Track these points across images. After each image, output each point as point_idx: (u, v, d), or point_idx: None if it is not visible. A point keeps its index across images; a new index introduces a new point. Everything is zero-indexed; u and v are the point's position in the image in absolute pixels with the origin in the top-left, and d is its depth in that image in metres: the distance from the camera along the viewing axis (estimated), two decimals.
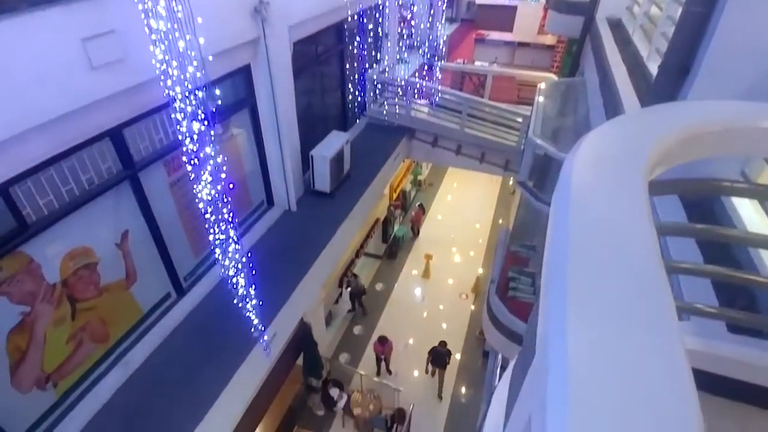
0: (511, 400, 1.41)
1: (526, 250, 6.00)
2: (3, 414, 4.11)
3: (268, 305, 5.16)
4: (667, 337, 0.59)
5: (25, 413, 4.39)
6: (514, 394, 1.42)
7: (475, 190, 16.49)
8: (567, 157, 1.06)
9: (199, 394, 4.92)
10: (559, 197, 0.92)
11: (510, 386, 1.63)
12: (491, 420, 1.88)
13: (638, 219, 0.77)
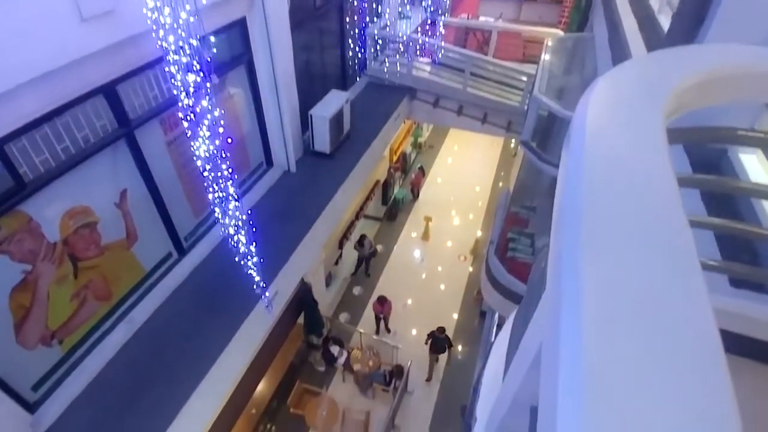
0: (512, 350, 1.43)
1: (526, 211, 5.99)
2: (10, 370, 4.23)
3: (269, 265, 5.21)
4: (685, 272, 0.57)
5: (31, 369, 4.52)
6: (514, 344, 1.45)
7: (476, 153, 16.32)
8: (582, 98, 1.01)
9: (203, 350, 5.05)
10: (574, 136, 0.89)
11: (510, 337, 1.66)
12: (490, 371, 1.93)
13: (658, 162, 0.74)
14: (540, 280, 1.38)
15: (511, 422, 1.24)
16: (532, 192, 6.16)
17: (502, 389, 1.36)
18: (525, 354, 1.17)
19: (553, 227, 0.92)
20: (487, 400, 1.76)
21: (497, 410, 1.39)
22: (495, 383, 1.72)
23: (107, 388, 4.80)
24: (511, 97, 9.01)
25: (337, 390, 9.30)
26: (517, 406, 1.18)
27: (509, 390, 1.27)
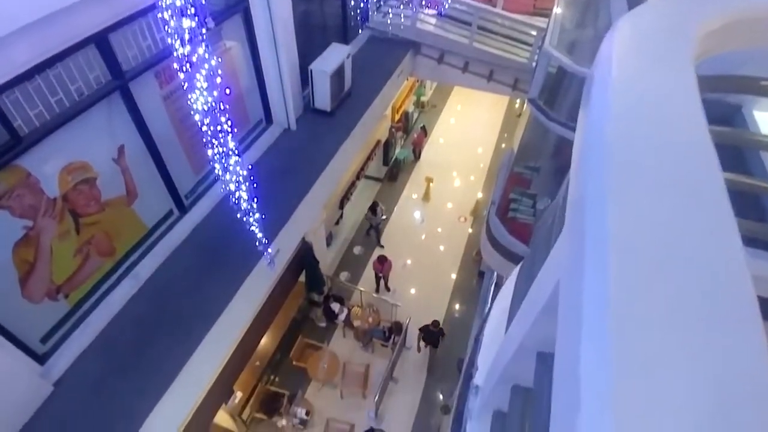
0: (516, 303, 1.44)
1: (530, 171, 5.92)
2: (17, 323, 4.32)
3: (270, 223, 5.21)
4: (717, 214, 0.54)
5: (39, 322, 4.63)
6: (518, 297, 1.46)
7: (480, 113, 15.95)
8: (606, 37, 0.95)
9: (208, 305, 5.16)
10: (598, 77, 0.83)
11: (514, 292, 1.67)
12: (492, 324, 1.96)
13: (690, 105, 0.69)
14: (547, 235, 1.37)
15: (516, 367, 1.26)
16: (537, 152, 6.05)
17: (506, 339, 1.38)
18: (533, 303, 1.17)
19: (573, 171, 0.89)
20: (488, 350, 1.80)
21: (500, 358, 1.42)
22: (497, 335, 1.75)
23: (114, 342, 4.94)
24: (519, 53, 8.67)
25: (337, 345, 9.60)
26: (523, 352, 1.20)
27: (515, 338, 1.28)
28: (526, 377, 1.18)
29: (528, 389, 1.29)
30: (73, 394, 4.55)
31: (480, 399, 1.70)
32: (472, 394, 1.80)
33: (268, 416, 8.22)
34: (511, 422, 1.28)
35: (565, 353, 0.55)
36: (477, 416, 1.70)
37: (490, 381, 1.56)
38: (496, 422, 1.49)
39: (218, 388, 6.54)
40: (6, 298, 4.22)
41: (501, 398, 1.46)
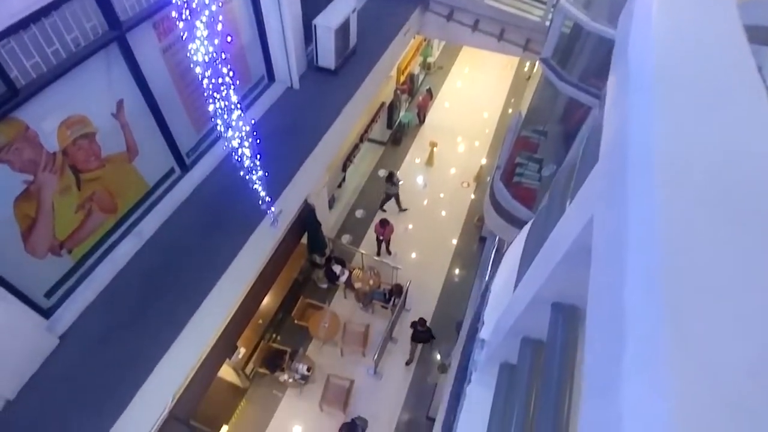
0: (526, 260, 1.43)
1: (537, 135, 5.79)
2: (21, 277, 4.37)
3: (273, 183, 5.15)
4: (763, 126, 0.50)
5: (43, 277, 4.68)
6: (529, 254, 1.44)
7: (487, 77, 15.50)
8: None
9: (212, 263, 5.20)
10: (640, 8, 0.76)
11: (525, 247, 1.66)
12: (499, 282, 1.97)
13: (733, 33, 0.64)
14: (564, 187, 1.34)
15: (528, 319, 1.26)
16: (545, 116, 5.90)
17: (517, 292, 1.38)
18: (551, 255, 1.15)
19: (609, 101, 0.84)
20: (496, 306, 1.81)
21: (511, 311, 1.42)
22: (505, 291, 1.75)
23: (119, 297, 5.02)
24: (532, 11, 8.29)
25: (338, 305, 9.78)
26: (537, 304, 1.20)
27: (528, 291, 1.28)
28: (538, 329, 1.19)
29: (538, 341, 1.30)
30: (79, 347, 4.67)
31: (486, 352, 1.73)
32: (478, 347, 1.83)
33: (271, 371, 8.50)
34: (521, 372, 1.29)
35: (603, 292, 0.53)
36: (483, 368, 1.74)
37: (498, 334, 1.57)
38: (503, 373, 1.52)
39: (222, 343, 6.72)
40: (9, 253, 4.25)
41: (509, 351, 1.48)
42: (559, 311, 1.11)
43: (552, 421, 1.00)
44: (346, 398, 8.24)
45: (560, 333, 1.08)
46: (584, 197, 1.02)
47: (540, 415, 1.06)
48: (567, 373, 1.03)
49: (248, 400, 8.66)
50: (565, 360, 1.05)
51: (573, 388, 1.00)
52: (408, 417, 8.51)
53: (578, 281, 1.00)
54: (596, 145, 1.02)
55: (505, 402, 1.41)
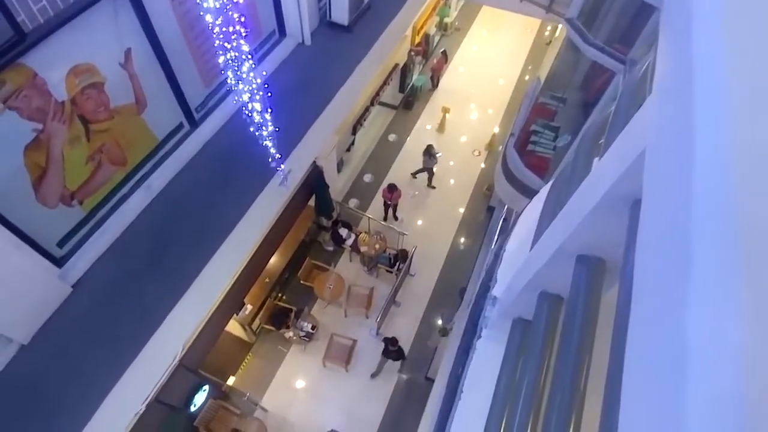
0: (548, 214, 1.42)
1: (556, 102, 5.60)
2: (34, 226, 4.43)
3: (283, 142, 5.08)
4: None
5: (55, 227, 4.74)
6: (550, 210, 1.42)
7: (506, 41, 14.91)
8: None
9: (221, 219, 5.23)
10: None
11: (545, 205, 1.63)
12: (514, 243, 1.95)
13: None
14: (589, 148, 1.29)
15: (549, 272, 1.25)
16: (566, 82, 5.68)
17: (537, 248, 1.36)
18: (579, 207, 1.13)
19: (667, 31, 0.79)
20: (510, 264, 1.81)
21: (529, 267, 1.41)
22: (521, 250, 1.74)
23: (130, 249, 5.09)
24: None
25: (343, 268, 9.91)
26: (561, 257, 1.18)
27: (550, 245, 1.26)
28: (557, 283, 1.18)
29: (556, 296, 1.29)
30: (91, 296, 4.78)
31: (498, 308, 1.74)
32: (490, 304, 1.85)
33: (276, 328, 8.74)
34: (537, 326, 1.30)
35: (661, 217, 0.50)
36: (494, 324, 1.76)
37: (513, 291, 1.57)
38: (515, 328, 1.53)
39: (230, 299, 6.89)
40: (21, 202, 4.29)
41: (523, 306, 1.49)
42: (585, 263, 1.10)
43: (573, 370, 1.00)
44: (348, 356, 8.50)
45: (584, 284, 1.07)
46: (630, 137, 0.98)
47: (559, 365, 1.06)
48: (590, 324, 1.02)
49: (254, 354, 8.97)
50: (589, 311, 1.04)
51: (594, 339, 1.00)
52: (407, 377, 8.78)
53: (607, 232, 0.98)
54: (631, 99, 0.97)
55: (517, 355, 1.43)
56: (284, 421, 8.15)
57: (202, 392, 7.10)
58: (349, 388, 8.55)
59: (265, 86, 3.78)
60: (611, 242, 1.00)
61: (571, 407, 0.96)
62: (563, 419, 0.96)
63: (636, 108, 0.96)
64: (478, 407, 1.36)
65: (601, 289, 1.09)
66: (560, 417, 0.97)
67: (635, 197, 0.95)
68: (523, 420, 1.14)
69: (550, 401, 1.02)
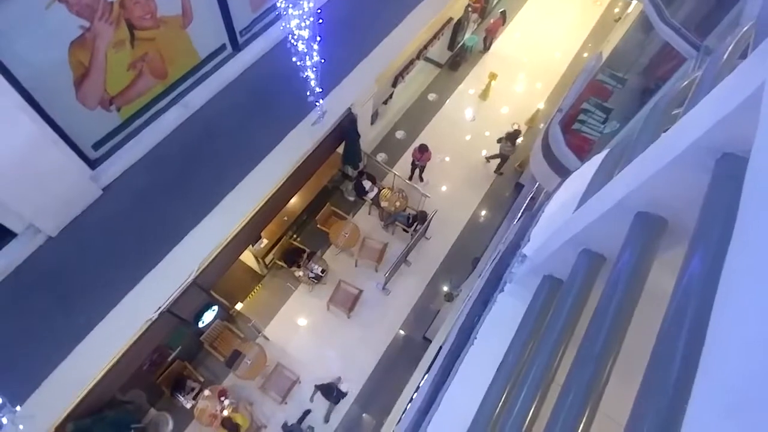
0: (602, 175, 1.35)
1: (614, 82, 5.25)
2: (71, 125, 4.51)
3: (323, 79, 4.94)
4: None
5: (92, 128, 4.82)
6: (609, 168, 1.36)
7: (571, 11, 13.89)
8: None
9: (253, 147, 5.23)
10: None
11: (601, 166, 1.57)
12: (557, 201, 1.90)
13: None
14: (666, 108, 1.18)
15: (599, 229, 1.20)
16: (629, 62, 5.29)
17: (590, 203, 1.30)
18: (651, 161, 1.05)
19: None
20: (548, 224, 1.76)
21: (573, 224, 1.36)
22: (563, 211, 1.67)
23: (161, 163, 5.18)
24: None
25: (361, 219, 9.96)
26: (617, 213, 1.12)
27: (607, 200, 1.19)
28: (604, 241, 1.13)
29: (600, 255, 1.25)
30: (119, 202, 4.94)
31: (528, 265, 1.72)
32: (518, 261, 1.82)
33: (288, 265, 8.97)
34: (571, 283, 1.26)
35: None
36: (520, 280, 1.75)
37: (549, 248, 1.53)
38: (544, 285, 1.51)
39: (248, 229, 7.02)
40: (62, 99, 4.35)
41: (557, 264, 1.46)
42: (644, 221, 1.04)
43: (606, 334, 0.97)
44: (352, 304, 8.72)
45: (639, 243, 1.02)
46: (736, 81, 0.88)
47: (594, 326, 1.03)
48: (637, 286, 0.98)
49: (263, 286, 9.29)
50: (639, 271, 1.00)
51: (636, 305, 0.96)
52: (405, 334, 9.00)
53: (681, 188, 0.91)
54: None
55: (541, 311, 1.41)
56: (282, 352, 8.54)
57: (211, 311, 7.44)
58: (348, 333, 8.84)
59: (318, 11, 3.62)
60: (683, 200, 0.94)
61: (598, 371, 0.93)
62: (585, 382, 0.93)
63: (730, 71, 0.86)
64: (491, 355, 1.36)
65: (656, 250, 1.03)
66: (582, 378, 0.94)
67: (725, 150, 0.88)
68: (538, 375, 1.13)
69: (577, 360, 0.99)
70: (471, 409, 1.21)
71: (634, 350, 1.05)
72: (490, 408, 1.19)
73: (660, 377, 0.82)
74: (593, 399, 0.99)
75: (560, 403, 1.01)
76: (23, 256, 4.54)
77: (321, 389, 7.98)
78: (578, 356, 1.01)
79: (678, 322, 0.86)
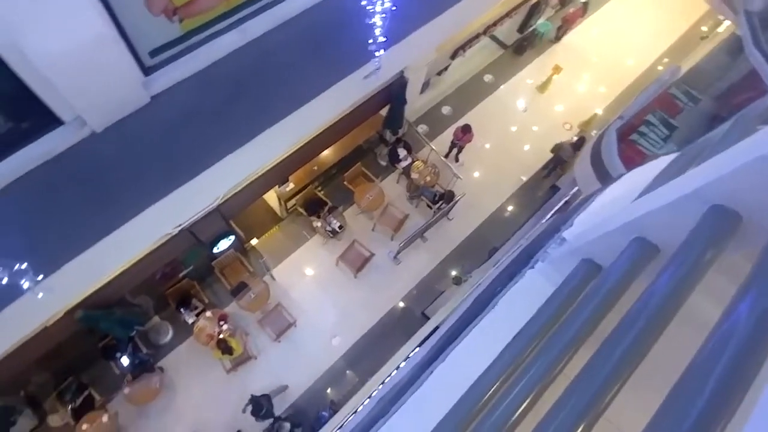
0: (670, 172, 1.29)
1: (687, 99, 4.93)
2: (133, 26, 4.52)
3: (388, 30, 4.78)
4: None
5: (152, 34, 4.83)
6: (684, 163, 1.29)
7: (656, 19, 12.96)
8: None
9: (300, 88, 5.19)
10: None
11: (669, 166, 1.49)
12: (614, 191, 1.83)
13: None
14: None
15: (662, 217, 1.15)
16: (707, 84, 4.92)
17: (657, 192, 1.24)
18: (739, 152, 0.98)
19: None
20: (601, 211, 1.71)
21: (632, 210, 1.30)
22: (619, 201, 1.61)
23: (210, 84, 5.20)
24: None
25: (388, 186, 9.93)
26: (690, 203, 1.06)
27: (675, 190, 1.13)
28: (664, 231, 1.08)
29: (654, 245, 1.21)
30: (163, 114, 5.00)
31: (565, 249, 1.68)
32: (556, 243, 1.79)
33: (308, 214, 9.10)
34: (615, 269, 1.22)
35: None
36: (554, 262, 1.72)
37: (594, 233, 1.49)
38: (580, 268, 1.48)
39: (278, 169, 7.11)
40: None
41: (601, 249, 1.42)
42: (718, 214, 0.98)
43: (651, 319, 0.94)
44: (361, 265, 8.83)
45: (709, 235, 0.97)
46: None
47: (633, 314, 0.99)
48: (694, 278, 0.94)
49: (280, 229, 9.48)
50: (699, 265, 0.95)
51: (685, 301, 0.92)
52: (405, 305, 9.11)
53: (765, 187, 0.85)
54: None
55: (572, 292, 1.38)
56: (285, 294, 8.80)
57: (228, 240, 7.66)
58: (352, 292, 9.00)
59: None
60: (765, 200, 0.87)
61: (626, 362, 0.90)
62: (601, 379, 0.90)
63: None
64: (509, 323, 1.34)
65: (725, 246, 0.97)
66: (598, 373, 0.91)
67: None
68: (552, 356, 1.10)
69: (605, 346, 0.96)
70: (476, 371, 1.21)
71: (651, 356, 1.01)
72: (494, 376, 1.18)
73: (682, 409, 0.78)
74: (601, 402, 0.96)
75: (565, 397, 0.98)
76: (66, 145, 4.71)
77: (254, 402, 7.31)
78: (605, 344, 0.98)
79: (715, 358, 0.81)
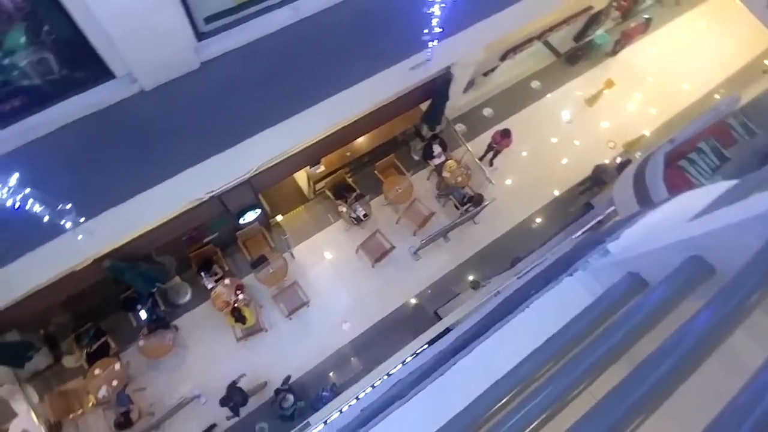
0: (735, 194, 1.22)
1: (743, 131, 4.67)
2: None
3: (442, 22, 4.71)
4: None
5: (209, 1, 4.90)
6: (743, 190, 1.23)
7: (719, 46, 12.31)
8: None
9: (345, 71, 5.19)
10: None
11: (733, 189, 1.42)
12: (664, 211, 1.76)
13: None
14: None
15: (726, 237, 1.09)
16: (766, 119, 4.63)
17: (725, 210, 1.18)
18: None
19: None
20: (652, 227, 1.65)
21: (693, 227, 1.24)
22: (675, 218, 1.55)
23: (258, 57, 5.26)
24: None
25: (418, 181, 9.85)
26: (759, 224, 1.00)
27: (747, 209, 1.07)
28: (723, 252, 1.03)
29: (710, 265, 1.15)
30: (212, 79, 5.10)
31: (608, 260, 1.63)
32: (599, 253, 1.74)
33: (335, 198, 9.15)
34: (665, 286, 1.17)
35: None
36: (595, 272, 1.67)
37: (644, 247, 1.43)
38: (625, 281, 1.43)
39: (312, 150, 7.16)
40: None
41: (650, 264, 1.37)
42: None
43: (698, 342, 0.88)
44: (380, 256, 8.83)
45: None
46: None
47: (687, 329, 0.94)
48: (755, 300, 0.88)
49: (306, 209, 9.58)
50: (764, 282, 0.89)
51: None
52: (418, 303, 9.06)
53: None
54: None
55: (614, 304, 1.33)
56: (302, 274, 8.90)
57: (254, 212, 7.79)
58: (367, 281, 9.02)
59: None
60: None
61: (661, 390, 0.85)
62: (639, 397, 0.85)
63: None
64: (540, 327, 1.31)
65: None
66: (635, 391, 0.86)
67: None
68: (584, 367, 1.06)
69: (642, 368, 0.91)
70: (500, 369, 1.18)
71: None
72: (519, 378, 1.14)
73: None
74: (626, 428, 0.91)
75: (591, 416, 0.94)
76: (115, 99, 4.87)
77: (228, 389, 7.14)
78: (642, 365, 0.92)
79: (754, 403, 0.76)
